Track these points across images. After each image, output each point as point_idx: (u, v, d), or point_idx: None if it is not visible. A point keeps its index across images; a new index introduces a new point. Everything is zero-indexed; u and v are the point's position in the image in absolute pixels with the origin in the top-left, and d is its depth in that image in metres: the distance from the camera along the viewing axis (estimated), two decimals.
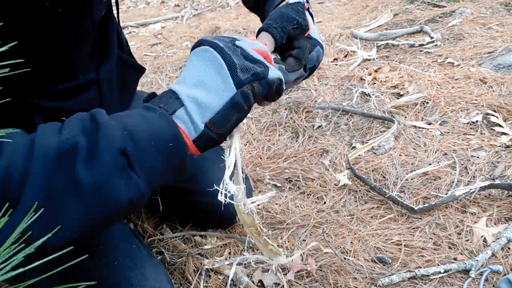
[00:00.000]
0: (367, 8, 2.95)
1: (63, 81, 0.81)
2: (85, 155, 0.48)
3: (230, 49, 0.60)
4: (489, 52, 1.96)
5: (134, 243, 0.93)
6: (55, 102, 0.81)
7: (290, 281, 1.07)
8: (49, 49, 0.76)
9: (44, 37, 0.73)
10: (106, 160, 0.48)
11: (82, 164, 0.48)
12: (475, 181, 1.30)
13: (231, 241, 1.22)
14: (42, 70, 0.77)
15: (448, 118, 1.60)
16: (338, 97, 1.89)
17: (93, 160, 0.48)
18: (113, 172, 0.49)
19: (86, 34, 0.82)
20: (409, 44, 2.22)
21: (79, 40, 0.81)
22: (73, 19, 0.77)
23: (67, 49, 0.79)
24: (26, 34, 0.70)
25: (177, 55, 2.80)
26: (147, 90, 2.27)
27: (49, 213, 0.46)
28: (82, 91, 0.86)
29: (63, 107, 0.82)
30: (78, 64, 0.83)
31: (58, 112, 0.80)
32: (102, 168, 0.48)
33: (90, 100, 0.88)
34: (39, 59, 0.75)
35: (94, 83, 0.88)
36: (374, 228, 1.21)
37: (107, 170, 0.48)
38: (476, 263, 1.04)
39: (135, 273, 0.84)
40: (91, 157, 0.48)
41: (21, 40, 0.50)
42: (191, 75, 0.60)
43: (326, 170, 1.47)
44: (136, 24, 3.75)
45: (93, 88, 0.88)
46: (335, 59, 2.25)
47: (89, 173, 0.47)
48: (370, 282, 1.05)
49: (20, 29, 0.68)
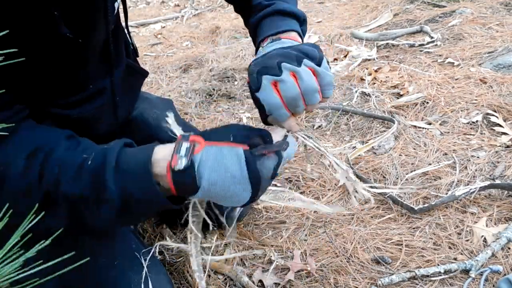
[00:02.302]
0: (367, 8, 2.95)
1: (74, 94, 0.84)
2: (96, 204, 0.68)
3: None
4: (489, 52, 1.96)
5: (134, 243, 0.92)
6: (65, 111, 0.83)
7: (290, 281, 1.07)
8: (62, 69, 0.78)
9: (59, 60, 0.75)
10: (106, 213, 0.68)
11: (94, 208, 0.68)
12: (475, 181, 1.30)
13: (231, 240, 1.22)
14: (54, 87, 0.79)
15: (448, 118, 1.60)
16: (338, 97, 1.89)
17: (99, 208, 0.67)
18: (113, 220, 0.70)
19: (98, 52, 0.85)
20: (409, 44, 2.22)
21: (91, 59, 0.83)
22: (91, 45, 0.80)
23: (80, 67, 0.81)
24: (41, 58, 0.71)
25: (177, 55, 2.80)
26: (147, 90, 2.27)
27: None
28: (91, 100, 0.88)
29: (73, 114, 0.84)
30: (88, 77, 0.86)
31: (68, 119, 0.82)
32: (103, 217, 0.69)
33: (99, 108, 0.90)
34: (51, 78, 0.77)
35: (103, 92, 0.90)
36: (374, 228, 1.21)
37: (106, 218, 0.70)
38: (476, 263, 1.03)
39: (135, 273, 0.84)
40: (98, 206, 0.68)
41: (35, 63, 0.53)
42: (218, 177, 0.63)
43: (326, 170, 1.47)
44: (136, 24, 3.75)
45: (102, 97, 0.90)
46: (335, 59, 2.25)
47: (98, 218, 0.70)
48: (370, 282, 1.05)
49: (36, 53, 0.70)
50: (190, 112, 1.95)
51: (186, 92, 2.14)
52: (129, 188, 0.65)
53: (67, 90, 0.82)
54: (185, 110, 1.97)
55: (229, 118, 1.88)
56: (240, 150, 0.63)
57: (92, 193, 0.66)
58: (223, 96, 2.07)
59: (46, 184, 0.65)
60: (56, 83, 0.79)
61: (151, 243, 1.24)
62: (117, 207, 0.66)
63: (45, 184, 0.65)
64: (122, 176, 0.65)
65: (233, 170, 0.63)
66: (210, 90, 2.10)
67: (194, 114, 1.94)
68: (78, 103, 0.85)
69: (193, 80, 2.28)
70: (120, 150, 0.67)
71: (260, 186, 0.65)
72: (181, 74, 2.43)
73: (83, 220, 0.70)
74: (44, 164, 0.66)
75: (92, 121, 0.89)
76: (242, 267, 1.13)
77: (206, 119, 1.89)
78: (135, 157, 0.67)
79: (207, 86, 2.13)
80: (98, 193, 0.65)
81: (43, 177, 0.66)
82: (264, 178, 0.65)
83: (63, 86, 0.81)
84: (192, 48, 2.93)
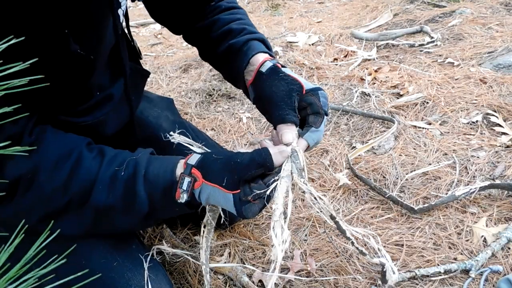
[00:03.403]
0: (367, 8, 2.95)
1: (81, 103, 0.85)
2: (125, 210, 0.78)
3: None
4: (489, 52, 1.96)
5: (134, 243, 0.92)
6: (73, 118, 0.84)
7: (290, 281, 1.07)
8: (70, 81, 0.79)
9: (67, 74, 0.77)
10: (137, 212, 0.78)
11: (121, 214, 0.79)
12: (475, 181, 1.30)
13: (231, 240, 1.22)
14: (62, 97, 0.81)
15: (448, 118, 1.60)
16: (338, 97, 1.89)
17: (130, 210, 0.78)
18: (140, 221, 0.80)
19: (105, 60, 0.87)
20: (409, 44, 2.22)
21: (98, 66, 0.84)
22: (99, 56, 0.82)
23: (88, 77, 0.82)
24: (50, 73, 0.72)
25: (177, 55, 2.80)
26: (147, 90, 2.26)
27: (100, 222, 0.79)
28: (100, 106, 0.89)
29: (80, 121, 0.85)
30: (95, 85, 0.87)
31: (75, 125, 0.84)
32: (134, 217, 0.79)
33: (108, 114, 0.91)
34: (59, 90, 0.78)
35: (111, 98, 0.91)
36: (374, 228, 1.21)
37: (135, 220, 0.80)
38: (476, 263, 1.03)
39: (134, 274, 0.84)
40: (127, 209, 0.78)
41: (45, 77, 0.56)
42: (213, 202, 0.77)
43: (326, 170, 1.47)
44: (136, 24, 3.75)
45: (110, 103, 0.91)
46: (335, 59, 2.25)
47: (124, 223, 0.81)
48: (370, 282, 1.05)
49: (46, 69, 0.70)
50: (190, 112, 1.95)
51: (186, 92, 2.14)
52: (155, 197, 0.76)
53: (75, 100, 0.84)
54: (185, 110, 1.97)
55: (229, 118, 1.88)
56: (229, 196, 0.74)
57: (125, 201, 0.76)
58: (223, 96, 2.07)
59: (72, 193, 0.72)
60: (64, 94, 0.80)
61: (151, 243, 1.24)
62: (145, 213, 0.77)
63: (71, 192, 0.72)
64: (150, 186, 0.76)
65: (224, 206, 0.76)
66: (210, 90, 2.10)
67: (194, 114, 1.94)
68: (87, 111, 0.87)
69: (193, 80, 2.28)
70: (148, 160, 0.78)
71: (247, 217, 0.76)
72: (181, 74, 2.43)
73: (108, 226, 0.81)
74: (73, 172, 0.73)
75: (101, 126, 0.90)
76: (241, 267, 1.13)
77: (206, 119, 1.89)
78: (163, 170, 0.78)
79: (207, 86, 2.13)
80: (130, 201, 0.76)
81: (70, 185, 0.72)
82: (248, 217, 0.75)
83: (71, 96, 0.82)
84: (192, 48, 2.92)
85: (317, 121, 0.82)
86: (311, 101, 0.83)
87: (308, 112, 0.84)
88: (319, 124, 0.82)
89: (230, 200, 0.74)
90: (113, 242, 0.89)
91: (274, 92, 0.83)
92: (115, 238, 0.90)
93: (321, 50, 2.36)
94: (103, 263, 0.84)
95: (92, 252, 0.84)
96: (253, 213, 0.75)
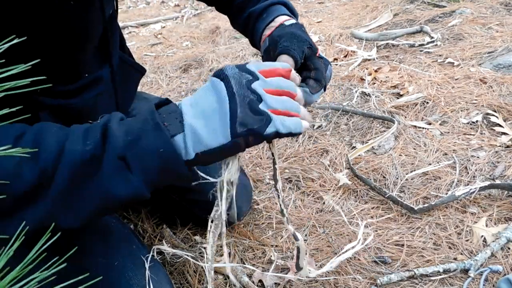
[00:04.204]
0: (367, 8, 2.95)
1: (71, 81, 0.84)
2: (96, 164, 0.61)
3: (240, 97, 0.64)
4: (489, 52, 1.96)
5: (134, 243, 0.93)
6: (61, 101, 0.83)
7: (290, 281, 1.07)
8: (58, 50, 0.77)
9: (53, 37, 0.74)
10: (109, 166, 0.61)
11: (95, 172, 0.61)
12: (475, 181, 1.30)
13: (231, 240, 1.22)
14: (50, 72, 0.77)
15: (448, 118, 1.60)
16: (338, 97, 1.89)
17: (100, 168, 0.61)
18: (114, 175, 0.61)
19: (94, 33, 0.84)
20: (409, 44, 2.22)
21: (87, 40, 0.82)
22: (84, 15, 0.77)
23: (76, 49, 0.80)
24: (35, 33, 0.70)
25: (177, 55, 2.80)
26: (147, 90, 2.27)
27: (70, 202, 0.61)
28: (87, 89, 0.88)
29: (69, 104, 0.84)
30: (84, 64, 0.85)
31: (64, 109, 0.82)
32: (105, 175, 0.61)
33: (98, 96, 0.90)
34: (48, 61, 0.75)
35: (98, 81, 0.90)
36: (374, 228, 1.22)
37: (109, 176, 0.61)
38: (475, 262, 1.04)
39: (135, 274, 0.84)
40: (98, 166, 0.61)
41: (30, 40, 0.53)
42: (201, 105, 0.65)
43: (326, 170, 1.47)
44: (136, 24, 3.76)
45: (97, 86, 0.90)
46: (335, 59, 2.25)
47: (98, 180, 0.61)
48: (370, 282, 1.05)
49: (29, 26, 0.69)
50: None
51: (186, 92, 2.14)
52: (135, 131, 0.62)
53: (64, 76, 0.82)
54: None
55: None
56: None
57: (97, 146, 0.61)
58: None
59: (43, 160, 0.59)
60: (54, 65, 0.78)
61: (151, 243, 1.24)
62: (121, 154, 0.61)
63: (42, 160, 0.59)
64: (126, 126, 0.64)
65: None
66: None
67: None
68: (74, 93, 0.85)
69: (193, 80, 2.28)
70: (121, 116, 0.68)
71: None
72: (181, 74, 2.43)
73: (101, 194, 0.63)
74: (37, 140, 0.60)
75: (92, 112, 0.89)
76: (242, 267, 1.13)
77: None
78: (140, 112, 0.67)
79: None
80: (102, 143, 0.62)
81: (38, 153, 0.59)
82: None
83: (61, 70, 0.80)
84: (192, 48, 2.93)
85: (316, 87, 0.80)
86: (318, 66, 0.82)
87: (311, 75, 0.82)
88: (315, 91, 0.80)
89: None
90: (114, 242, 0.89)
91: (289, 33, 0.82)
92: (115, 238, 0.90)
93: (321, 50, 2.36)
94: (104, 263, 0.84)
95: (93, 252, 0.85)
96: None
